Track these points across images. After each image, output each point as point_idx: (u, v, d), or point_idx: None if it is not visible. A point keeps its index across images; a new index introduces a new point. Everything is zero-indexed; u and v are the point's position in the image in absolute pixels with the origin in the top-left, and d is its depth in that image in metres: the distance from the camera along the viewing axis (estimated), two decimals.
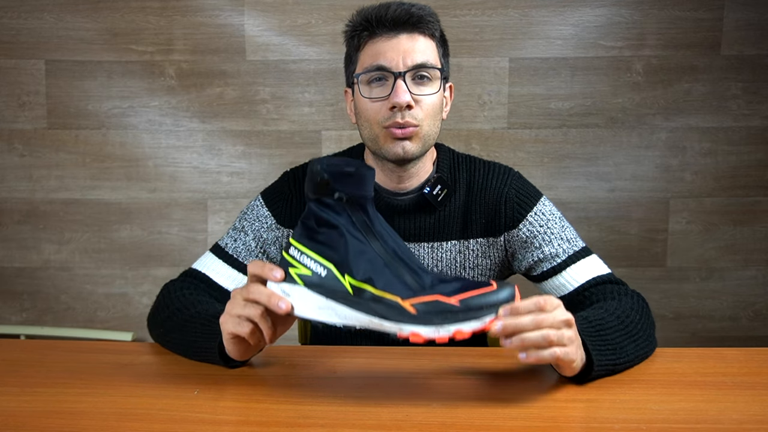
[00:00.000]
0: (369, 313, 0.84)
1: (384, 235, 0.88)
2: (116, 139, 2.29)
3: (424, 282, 0.85)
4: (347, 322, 0.85)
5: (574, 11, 2.20)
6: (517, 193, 1.19)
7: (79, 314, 2.36)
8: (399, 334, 0.83)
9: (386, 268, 0.85)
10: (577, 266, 1.15)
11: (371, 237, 0.87)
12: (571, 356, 0.87)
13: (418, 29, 1.10)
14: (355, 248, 0.86)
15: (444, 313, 0.81)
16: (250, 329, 0.90)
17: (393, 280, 0.84)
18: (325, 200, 0.87)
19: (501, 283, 0.85)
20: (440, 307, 0.82)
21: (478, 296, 0.82)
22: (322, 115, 2.26)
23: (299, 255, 0.88)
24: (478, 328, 0.82)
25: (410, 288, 0.84)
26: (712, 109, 2.24)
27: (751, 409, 0.85)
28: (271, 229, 1.21)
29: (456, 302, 0.82)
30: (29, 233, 2.33)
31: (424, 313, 0.82)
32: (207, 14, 2.23)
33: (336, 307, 0.85)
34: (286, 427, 0.81)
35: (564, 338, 0.86)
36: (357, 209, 0.87)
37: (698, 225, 2.29)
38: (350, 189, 0.86)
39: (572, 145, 2.26)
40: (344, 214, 0.87)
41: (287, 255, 0.89)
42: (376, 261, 0.86)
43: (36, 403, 0.87)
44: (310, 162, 0.88)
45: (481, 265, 1.20)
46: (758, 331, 2.32)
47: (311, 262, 0.87)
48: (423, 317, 0.82)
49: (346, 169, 0.86)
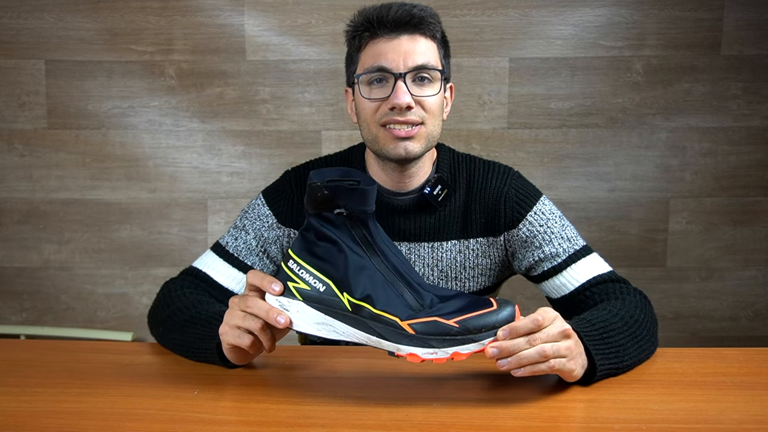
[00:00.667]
0: (367, 331, 0.84)
1: (385, 250, 0.87)
2: (116, 139, 2.29)
3: (424, 300, 0.85)
4: (345, 338, 0.85)
5: (574, 11, 2.20)
6: (517, 193, 1.19)
7: (79, 314, 2.36)
8: (397, 353, 0.83)
9: (386, 285, 0.85)
10: (577, 265, 1.15)
11: (372, 252, 0.86)
12: (569, 366, 0.87)
13: (419, 30, 1.09)
14: (354, 264, 0.85)
15: (442, 335, 0.81)
16: (250, 341, 0.91)
17: (393, 299, 0.84)
18: (325, 215, 0.86)
19: (501, 302, 0.84)
20: (439, 328, 0.81)
21: (477, 317, 0.82)
22: (322, 115, 2.26)
23: (298, 269, 0.87)
24: (476, 351, 0.82)
25: (410, 307, 0.84)
26: (712, 109, 2.24)
27: (751, 409, 0.85)
28: (272, 228, 1.21)
29: (455, 324, 0.81)
30: (29, 233, 2.33)
31: (423, 334, 0.82)
32: (207, 14, 2.22)
33: (334, 323, 0.85)
34: (286, 427, 0.81)
35: (561, 350, 0.86)
36: (358, 224, 0.86)
37: (698, 225, 2.29)
38: (351, 204, 0.85)
39: (572, 145, 2.26)
40: (345, 228, 0.86)
41: (286, 268, 0.88)
42: (376, 277, 0.85)
43: (36, 403, 0.87)
44: (310, 175, 0.87)
45: (481, 264, 1.20)
46: (758, 331, 2.32)
47: (310, 277, 0.86)
48: (421, 339, 0.82)
49: (347, 184, 0.85)
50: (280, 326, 0.87)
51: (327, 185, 0.85)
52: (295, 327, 0.87)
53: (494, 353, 0.83)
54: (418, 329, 0.82)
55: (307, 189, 0.86)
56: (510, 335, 0.83)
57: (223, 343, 0.94)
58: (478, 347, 0.82)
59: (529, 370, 0.85)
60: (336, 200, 0.85)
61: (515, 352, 0.83)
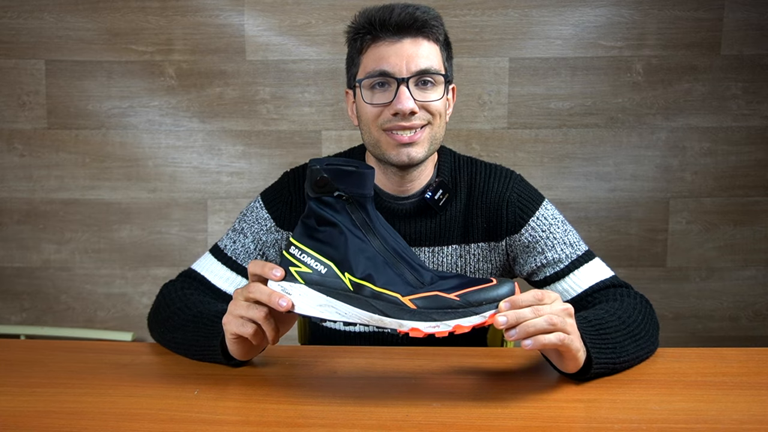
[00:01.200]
0: (369, 310, 0.84)
1: (384, 233, 0.88)
2: (116, 139, 2.29)
3: (424, 278, 0.86)
4: (348, 318, 0.86)
5: (574, 11, 2.20)
6: (519, 197, 1.18)
7: (79, 314, 2.36)
8: (399, 329, 0.84)
9: (386, 265, 0.86)
10: (580, 271, 1.15)
11: (371, 235, 0.87)
12: (575, 343, 0.87)
13: (422, 34, 1.08)
14: (355, 246, 0.86)
15: (444, 308, 0.82)
16: (253, 330, 0.90)
17: (393, 278, 0.85)
18: (325, 199, 0.87)
19: (501, 279, 0.85)
20: (440, 302, 0.83)
21: (478, 291, 0.83)
22: (322, 115, 2.26)
23: (299, 253, 0.88)
24: (477, 323, 0.83)
25: (410, 284, 0.85)
26: (712, 109, 2.24)
27: (751, 409, 0.85)
28: (270, 231, 1.21)
29: (456, 297, 0.82)
30: (29, 233, 2.33)
31: (424, 308, 0.83)
32: (207, 14, 2.22)
33: (336, 304, 0.86)
34: (286, 427, 0.81)
35: (567, 325, 0.86)
36: (357, 207, 0.88)
37: (698, 225, 2.29)
38: (350, 188, 0.87)
39: (572, 145, 2.26)
40: (344, 212, 0.87)
41: (287, 254, 0.89)
42: (376, 258, 0.86)
43: (36, 403, 0.87)
44: (310, 161, 0.88)
45: (482, 269, 1.20)
46: (758, 331, 2.32)
47: (311, 260, 0.87)
48: (423, 313, 0.83)
49: (345, 167, 0.87)
50: (282, 309, 0.86)
51: (326, 168, 0.86)
52: (297, 310, 0.87)
53: (503, 321, 0.82)
54: (419, 304, 0.83)
55: (308, 172, 0.88)
56: (512, 307, 0.83)
57: (227, 333, 0.93)
58: (480, 320, 0.82)
59: (539, 342, 0.84)
60: (335, 182, 0.86)
61: (521, 319, 0.83)
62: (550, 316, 0.84)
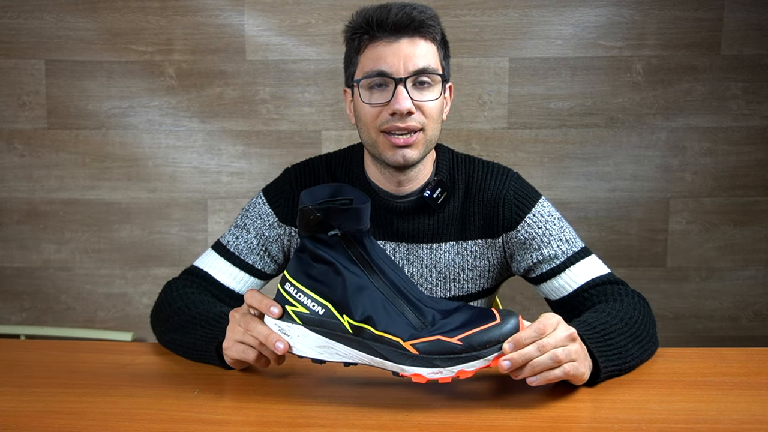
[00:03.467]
0: (370, 353, 0.83)
1: (383, 267, 0.85)
2: (116, 139, 2.29)
3: (426, 318, 0.83)
4: (348, 359, 0.84)
5: (574, 11, 2.20)
6: (516, 194, 1.19)
7: (79, 314, 2.36)
8: (401, 374, 0.82)
9: (386, 303, 0.83)
10: (576, 267, 1.15)
11: (370, 271, 0.85)
12: (580, 370, 0.87)
13: (419, 33, 1.08)
14: (353, 285, 0.83)
15: (446, 354, 0.80)
16: (255, 356, 0.92)
17: (394, 319, 0.82)
18: (319, 236, 0.84)
19: (504, 314, 0.83)
20: (442, 347, 0.80)
21: (481, 332, 0.81)
22: (322, 115, 2.26)
23: (296, 292, 0.86)
24: (481, 367, 0.81)
25: (412, 326, 0.82)
26: (712, 109, 2.24)
27: (751, 409, 0.85)
28: (273, 226, 1.21)
29: (458, 341, 0.80)
30: (29, 233, 2.33)
31: (426, 353, 0.80)
32: (207, 14, 2.22)
33: (336, 346, 0.84)
34: (286, 427, 0.81)
35: (571, 353, 0.86)
36: (353, 243, 0.84)
37: (698, 225, 2.29)
38: (346, 224, 0.83)
39: (572, 145, 2.26)
40: (340, 248, 0.84)
41: (283, 291, 0.87)
42: (376, 296, 0.83)
43: (36, 403, 0.87)
44: (301, 196, 0.85)
45: (479, 266, 1.20)
46: (758, 331, 2.32)
47: (308, 300, 0.85)
48: (425, 358, 0.80)
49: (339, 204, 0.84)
50: (279, 352, 0.87)
51: (319, 207, 0.83)
52: (295, 351, 0.86)
53: (508, 366, 0.82)
54: (421, 349, 0.81)
55: (299, 213, 0.84)
56: (515, 347, 0.82)
57: (227, 358, 0.96)
58: (483, 363, 0.81)
59: (544, 378, 0.84)
60: (329, 221, 0.83)
61: (527, 360, 0.83)
62: (554, 353, 0.84)
